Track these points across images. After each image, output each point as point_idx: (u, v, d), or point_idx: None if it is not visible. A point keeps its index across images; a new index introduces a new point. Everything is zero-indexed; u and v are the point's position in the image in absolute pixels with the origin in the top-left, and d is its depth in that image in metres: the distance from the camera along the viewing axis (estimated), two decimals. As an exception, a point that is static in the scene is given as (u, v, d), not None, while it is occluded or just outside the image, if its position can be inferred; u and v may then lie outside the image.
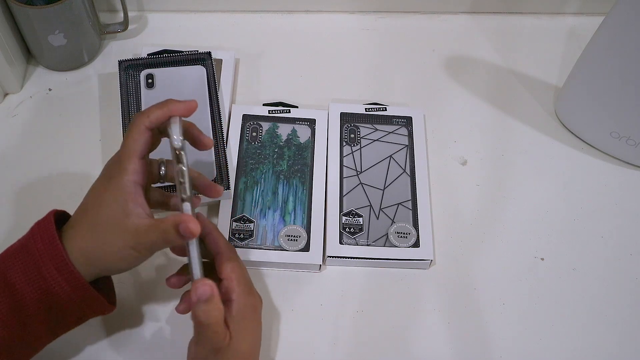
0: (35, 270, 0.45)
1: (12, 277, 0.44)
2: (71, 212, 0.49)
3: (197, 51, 0.69)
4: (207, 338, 0.45)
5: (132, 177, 0.46)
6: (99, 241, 0.46)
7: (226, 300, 0.47)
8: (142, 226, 0.45)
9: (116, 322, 0.56)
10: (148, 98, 0.66)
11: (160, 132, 0.49)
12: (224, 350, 0.45)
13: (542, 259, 0.63)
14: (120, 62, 0.68)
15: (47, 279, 0.45)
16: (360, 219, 0.62)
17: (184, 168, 0.45)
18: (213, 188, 0.53)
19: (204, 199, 0.62)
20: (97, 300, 0.47)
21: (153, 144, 0.49)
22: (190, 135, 0.51)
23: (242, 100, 0.73)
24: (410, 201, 0.64)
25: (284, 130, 0.68)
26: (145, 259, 0.47)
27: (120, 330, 0.56)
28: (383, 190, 0.65)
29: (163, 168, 0.51)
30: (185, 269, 0.53)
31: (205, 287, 0.43)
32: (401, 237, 0.61)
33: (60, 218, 0.48)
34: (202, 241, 0.51)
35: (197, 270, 0.45)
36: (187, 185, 0.45)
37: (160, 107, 0.47)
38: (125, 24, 0.76)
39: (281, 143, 0.67)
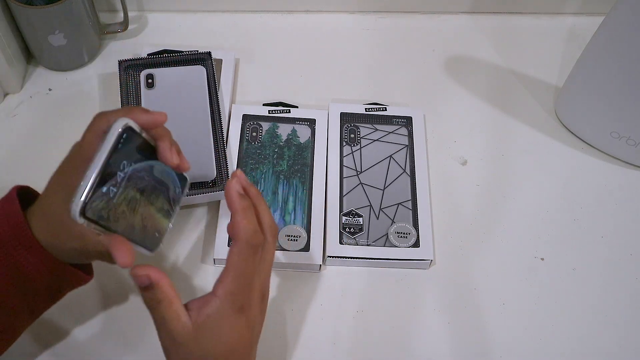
0: (6, 257, 0.44)
1: None
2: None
3: (197, 51, 0.69)
4: (157, 324, 0.43)
5: None
6: (54, 234, 0.45)
7: (215, 288, 0.44)
8: (89, 235, 0.43)
9: (116, 322, 0.57)
10: (148, 98, 0.66)
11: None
12: (185, 343, 0.42)
13: (542, 259, 0.63)
14: (120, 62, 0.68)
15: (13, 255, 0.44)
16: (360, 219, 0.62)
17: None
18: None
19: (202, 199, 0.62)
20: (69, 271, 0.46)
21: None
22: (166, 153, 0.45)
23: (242, 100, 0.73)
24: (410, 201, 0.64)
25: (284, 130, 0.68)
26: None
27: (125, 331, 0.56)
28: (383, 190, 0.65)
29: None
30: None
31: (142, 277, 0.41)
32: (401, 237, 0.61)
33: (27, 195, 0.47)
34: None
35: (139, 249, 0.44)
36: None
37: (124, 113, 0.43)
38: (125, 24, 0.76)
39: (281, 143, 0.67)
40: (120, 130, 0.42)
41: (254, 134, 0.68)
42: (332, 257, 0.60)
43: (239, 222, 0.44)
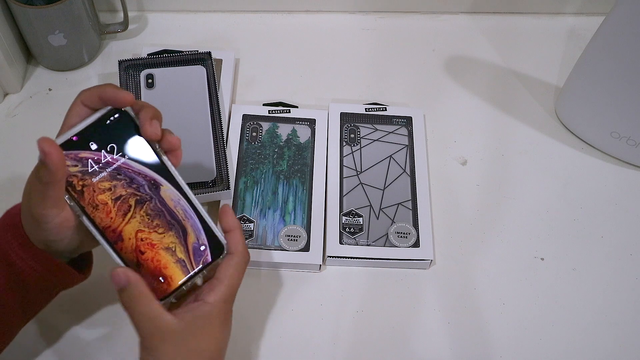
0: (1, 252, 0.45)
1: None
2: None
3: (197, 51, 0.69)
4: (138, 321, 0.43)
5: None
6: (36, 231, 0.45)
7: (203, 296, 0.45)
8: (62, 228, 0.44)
9: (109, 321, 0.57)
10: (148, 98, 0.66)
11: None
12: (173, 338, 0.43)
13: (542, 259, 0.63)
14: (120, 62, 0.68)
15: (7, 252, 0.45)
16: (360, 219, 0.62)
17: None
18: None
19: (202, 199, 0.62)
20: (63, 269, 0.47)
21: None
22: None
23: (242, 100, 0.73)
24: (410, 201, 0.64)
25: (284, 130, 0.68)
26: (54, 216, 0.43)
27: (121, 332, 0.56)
28: (383, 190, 0.65)
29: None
30: None
31: (119, 276, 0.42)
32: (401, 237, 0.61)
33: None
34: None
35: (117, 259, 0.44)
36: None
37: (96, 87, 0.45)
38: (125, 24, 0.76)
39: (281, 143, 0.67)
40: (108, 108, 0.43)
41: (254, 134, 0.68)
42: (332, 257, 0.60)
43: (240, 237, 0.46)
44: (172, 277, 0.44)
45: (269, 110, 0.69)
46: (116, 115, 0.43)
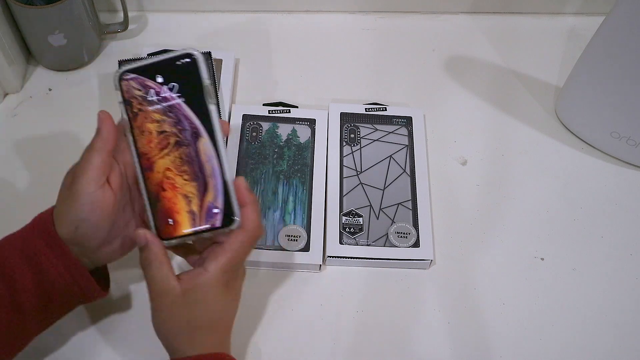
0: (32, 254, 0.46)
1: (9, 262, 0.46)
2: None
3: (197, 51, 0.69)
4: (148, 283, 0.46)
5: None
6: (65, 215, 0.46)
7: (206, 264, 0.46)
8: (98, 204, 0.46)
9: (113, 321, 0.57)
10: (148, 98, 0.66)
11: None
12: (173, 304, 0.45)
13: (542, 259, 0.63)
14: (120, 62, 0.68)
15: (41, 260, 0.46)
16: (360, 219, 0.62)
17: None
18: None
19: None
20: (87, 279, 0.47)
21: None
22: None
23: (242, 100, 0.73)
24: (410, 201, 0.64)
25: (284, 130, 0.68)
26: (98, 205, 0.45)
27: (117, 329, 0.56)
28: (383, 190, 0.65)
29: None
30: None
31: (140, 237, 0.46)
32: (401, 237, 0.61)
33: None
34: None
35: (142, 186, 0.46)
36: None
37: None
38: (125, 24, 0.76)
39: (281, 143, 0.67)
40: (184, 52, 0.46)
41: (254, 134, 0.68)
42: (332, 257, 0.60)
43: (250, 214, 0.46)
44: (180, 223, 0.46)
45: (269, 110, 0.70)
46: (187, 60, 0.45)
